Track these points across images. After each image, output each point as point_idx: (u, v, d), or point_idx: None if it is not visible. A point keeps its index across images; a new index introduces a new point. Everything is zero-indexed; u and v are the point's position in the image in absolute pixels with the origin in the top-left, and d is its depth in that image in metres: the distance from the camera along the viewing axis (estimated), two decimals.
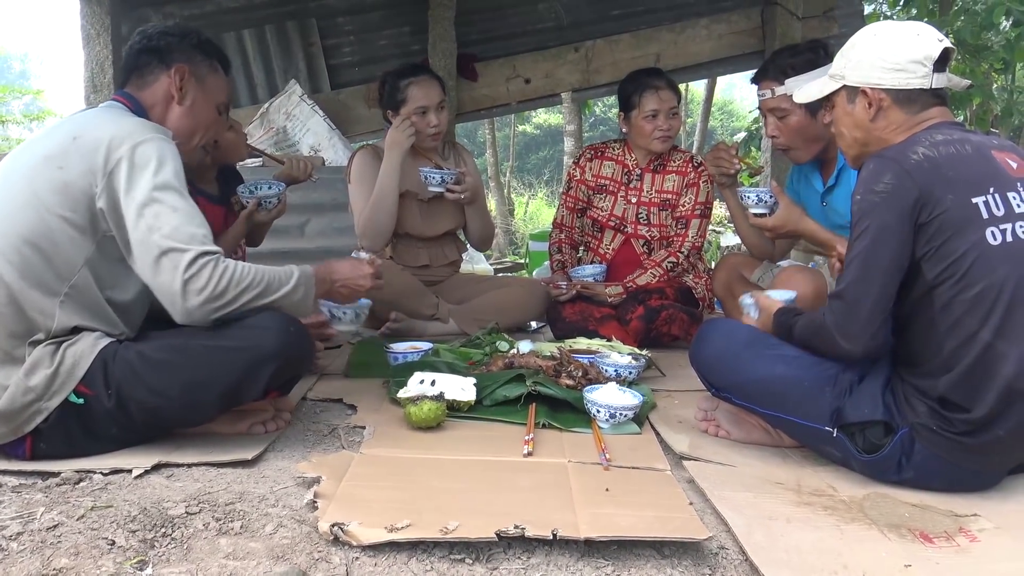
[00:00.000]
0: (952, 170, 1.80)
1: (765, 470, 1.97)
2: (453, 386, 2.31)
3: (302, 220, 4.69)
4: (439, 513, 1.58)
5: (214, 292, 1.81)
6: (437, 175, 3.32)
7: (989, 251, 1.75)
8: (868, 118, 1.98)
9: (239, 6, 5.31)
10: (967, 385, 1.76)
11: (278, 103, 5.21)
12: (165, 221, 1.81)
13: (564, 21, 5.49)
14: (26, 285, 1.82)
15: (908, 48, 1.92)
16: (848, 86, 2.01)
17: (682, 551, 1.55)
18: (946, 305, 1.77)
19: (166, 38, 2.10)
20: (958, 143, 1.85)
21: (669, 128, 3.39)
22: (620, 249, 3.59)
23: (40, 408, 1.82)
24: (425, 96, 3.36)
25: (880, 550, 1.55)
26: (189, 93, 2.11)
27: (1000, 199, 1.79)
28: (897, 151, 1.87)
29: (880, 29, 2.00)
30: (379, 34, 5.54)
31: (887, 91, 1.94)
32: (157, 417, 1.91)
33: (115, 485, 1.76)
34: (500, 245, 13.01)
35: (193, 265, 1.79)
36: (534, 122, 24.16)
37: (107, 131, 1.87)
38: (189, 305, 1.81)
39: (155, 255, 1.80)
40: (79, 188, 1.83)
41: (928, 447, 1.80)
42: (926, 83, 1.92)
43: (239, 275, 1.85)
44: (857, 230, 1.88)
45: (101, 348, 1.85)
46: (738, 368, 2.03)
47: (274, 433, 2.10)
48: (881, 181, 1.83)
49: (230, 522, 1.59)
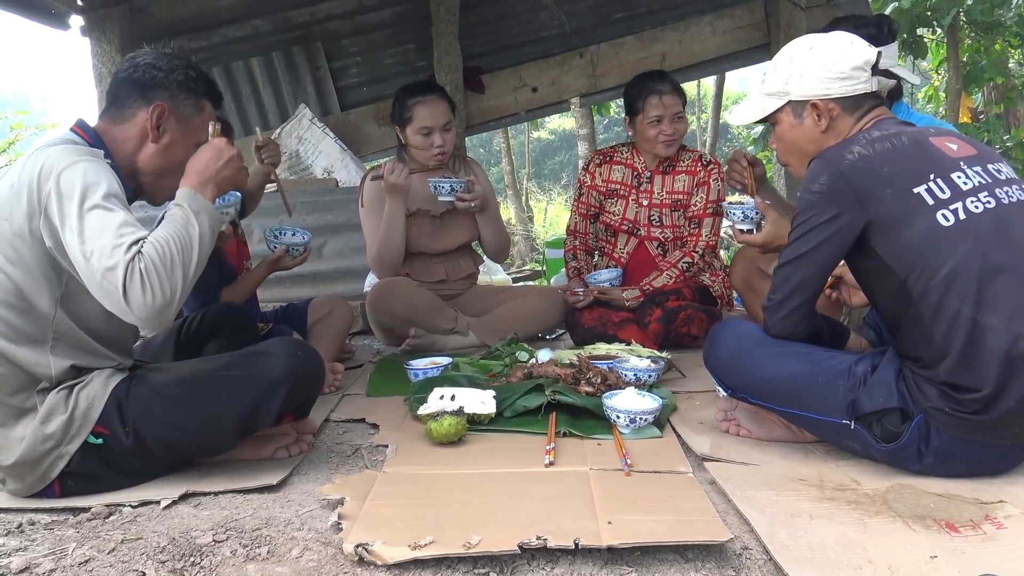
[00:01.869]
0: (888, 165, 1.86)
1: (787, 467, 1.97)
2: (473, 400, 2.32)
3: (319, 242, 4.72)
4: (462, 528, 1.59)
5: (155, 292, 1.71)
6: (446, 184, 3.34)
7: (945, 233, 1.79)
8: (820, 130, 2.04)
9: (246, 35, 5.39)
10: (966, 365, 1.76)
11: (289, 128, 5.27)
12: (95, 244, 1.71)
13: (567, 28, 5.50)
14: (12, 345, 1.82)
15: (849, 56, 2.00)
16: (794, 101, 2.05)
17: (705, 553, 1.55)
18: (923, 294, 1.80)
19: (152, 71, 1.99)
20: (894, 137, 1.91)
21: (674, 132, 3.38)
22: (634, 252, 3.59)
23: (61, 453, 1.85)
24: (431, 117, 3.38)
25: (905, 542, 1.54)
26: (167, 133, 2.00)
27: (943, 182, 1.84)
28: (835, 152, 1.93)
29: (814, 42, 2.05)
30: (384, 53, 5.59)
31: (836, 100, 2.01)
32: (176, 450, 1.94)
33: (144, 517, 1.79)
34: (521, 252, 13.01)
35: (126, 281, 1.70)
36: (548, 127, 24.18)
37: (34, 170, 1.80)
38: (141, 316, 1.73)
39: (97, 282, 1.72)
40: (27, 232, 1.79)
41: (944, 430, 1.80)
42: (869, 86, 2.00)
43: (159, 256, 1.73)
44: (794, 232, 1.96)
45: (113, 387, 1.87)
46: (751, 368, 2.04)
47: (298, 457, 2.12)
48: (817, 181, 1.91)
49: (257, 548, 1.61)
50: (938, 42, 9.30)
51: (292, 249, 3.02)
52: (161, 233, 1.79)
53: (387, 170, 3.29)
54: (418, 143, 3.41)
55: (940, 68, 9.74)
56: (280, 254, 3.00)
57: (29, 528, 1.76)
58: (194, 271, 1.81)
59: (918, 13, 7.80)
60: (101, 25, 4.61)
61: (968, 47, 8.88)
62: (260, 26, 5.37)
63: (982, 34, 8.44)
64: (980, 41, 8.61)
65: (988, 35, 8.42)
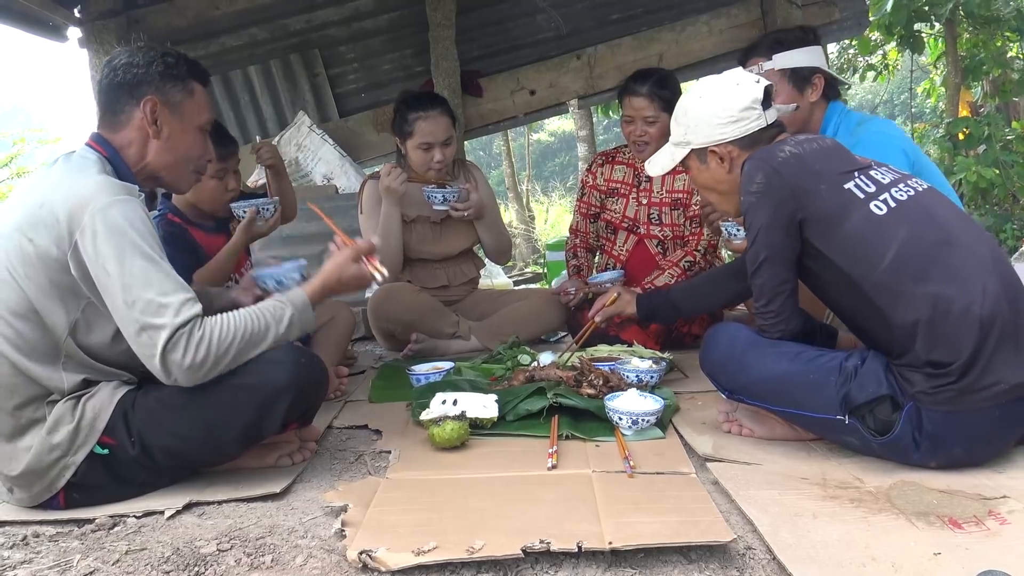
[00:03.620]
0: (818, 163, 1.98)
1: (790, 466, 1.97)
2: (475, 404, 2.33)
3: (320, 249, 4.72)
4: (465, 533, 1.59)
5: (193, 363, 1.77)
6: (439, 194, 3.33)
7: (880, 221, 1.89)
8: (725, 171, 2.15)
9: (243, 44, 5.39)
10: (938, 339, 1.80)
11: (288, 135, 5.28)
12: (138, 295, 1.75)
13: (564, 30, 5.50)
14: (24, 357, 1.83)
15: (734, 99, 2.10)
16: (696, 149, 2.16)
17: (709, 554, 1.55)
18: (873, 285, 1.88)
19: (131, 69, 1.96)
20: (818, 139, 2.07)
21: (643, 134, 3.35)
22: (634, 250, 3.58)
23: (67, 463, 1.85)
24: (432, 133, 3.37)
25: (908, 539, 1.54)
26: (164, 125, 1.98)
27: (866, 178, 1.96)
28: (767, 151, 2.04)
29: (703, 90, 2.16)
30: (382, 59, 5.59)
31: (733, 142, 2.11)
32: (181, 459, 1.95)
33: (148, 527, 1.79)
34: (523, 254, 13.01)
35: (169, 342, 1.75)
36: (548, 129, 24.20)
37: (69, 197, 1.79)
38: (172, 379, 1.79)
39: (135, 330, 1.76)
40: (52, 257, 1.79)
41: (935, 408, 1.81)
42: (762, 122, 2.10)
43: (218, 338, 1.80)
44: (748, 237, 2.04)
45: (120, 398, 1.88)
46: (744, 369, 2.06)
47: (301, 464, 2.12)
48: (754, 181, 1.99)
49: (261, 556, 1.61)
50: (936, 36, 9.28)
51: (263, 210, 2.90)
52: (242, 315, 1.85)
53: (384, 172, 3.29)
54: (417, 157, 3.40)
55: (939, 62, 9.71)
56: (251, 216, 2.87)
57: (34, 540, 1.77)
58: (250, 354, 1.87)
59: (916, 8, 7.78)
60: (99, 37, 4.62)
61: (966, 41, 8.85)
62: (257, 34, 5.37)
63: (980, 27, 8.42)
64: (978, 35, 8.59)
65: (986, 28, 8.40)
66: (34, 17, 4.53)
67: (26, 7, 4.31)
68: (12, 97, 45.83)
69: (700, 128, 2.13)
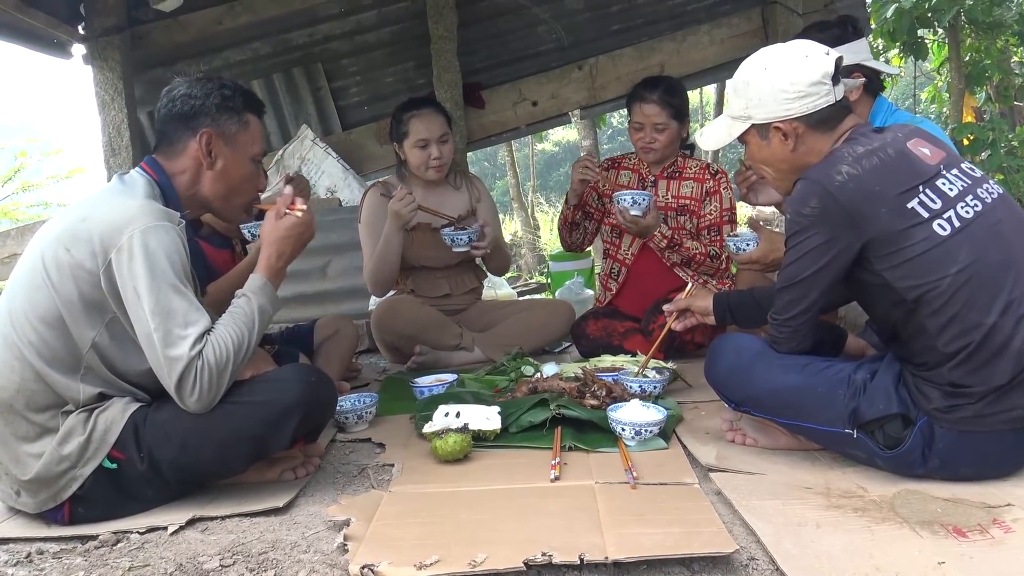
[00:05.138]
0: (879, 183, 1.83)
1: (793, 476, 1.96)
2: (478, 416, 2.32)
3: (323, 262, 4.73)
4: (467, 546, 1.59)
5: (201, 395, 1.83)
6: (463, 236, 3.33)
7: (943, 243, 1.79)
8: (788, 149, 1.99)
9: (246, 58, 5.42)
10: (974, 367, 1.77)
11: (292, 149, 5.29)
12: (163, 324, 1.81)
13: (565, 41, 5.51)
14: (45, 364, 1.85)
15: (805, 72, 1.93)
16: (757, 124, 2.01)
17: (711, 565, 1.54)
18: (927, 305, 1.80)
19: (189, 101, 2.03)
20: (879, 151, 1.87)
21: (652, 141, 3.36)
22: (639, 255, 3.56)
23: (75, 475, 1.86)
24: (426, 129, 3.40)
25: (912, 549, 1.54)
26: (219, 157, 2.05)
27: (932, 192, 1.82)
28: (821, 172, 1.88)
29: (767, 61, 1.99)
30: (384, 72, 5.60)
31: (799, 119, 1.95)
32: (189, 475, 1.96)
33: (151, 543, 1.79)
34: (528, 264, 13.01)
35: (183, 376, 1.81)
36: (552, 140, 24.22)
37: (111, 215, 1.86)
38: (187, 405, 1.85)
39: (154, 356, 1.83)
40: (85, 270, 1.83)
41: (950, 428, 1.79)
42: (831, 99, 1.94)
43: (220, 357, 1.84)
44: (789, 254, 1.93)
45: (131, 413, 1.90)
46: (751, 382, 2.04)
47: (304, 479, 2.12)
48: (808, 205, 1.87)
49: (263, 572, 1.61)
50: (939, 42, 9.27)
51: None
52: (223, 333, 1.89)
53: (398, 196, 3.25)
54: (415, 156, 3.43)
55: (942, 68, 9.71)
56: None
57: (38, 557, 1.77)
58: (243, 362, 1.92)
59: (918, 14, 7.78)
60: (103, 53, 4.64)
61: (969, 46, 8.85)
62: (260, 48, 5.40)
63: (983, 33, 8.42)
64: (981, 40, 8.59)
65: (989, 34, 8.40)
66: (38, 35, 4.57)
67: (31, 25, 4.34)
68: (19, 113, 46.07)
69: (764, 102, 1.97)
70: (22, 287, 1.90)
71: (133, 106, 4.77)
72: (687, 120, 3.46)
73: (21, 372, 1.86)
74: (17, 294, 1.90)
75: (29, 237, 4.66)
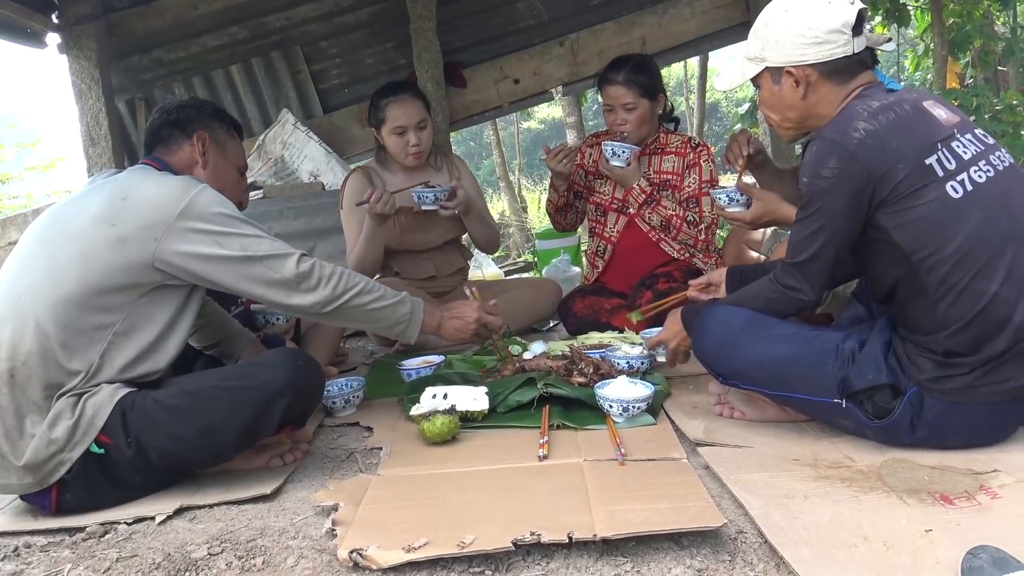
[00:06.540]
0: (897, 139, 1.78)
1: (781, 448, 1.96)
2: (465, 397, 2.32)
3: (308, 246, 4.69)
4: (456, 527, 1.59)
5: (326, 285, 2.06)
6: (430, 194, 3.30)
7: (954, 205, 1.75)
8: (799, 96, 1.96)
9: (224, 43, 5.35)
10: (971, 335, 1.75)
11: (273, 133, 5.24)
12: (256, 245, 1.99)
13: (545, 17, 5.45)
14: (56, 343, 1.86)
15: (824, 18, 1.88)
16: (771, 67, 1.98)
17: (700, 540, 1.54)
18: (930, 268, 1.77)
19: (184, 110, 2.20)
20: (896, 106, 1.83)
21: (623, 123, 3.32)
22: (625, 232, 3.54)
23: (63, 459, 1.85)
24: (404, 115, 3.37)
25: (900, 517, 1.54)
26: (212, 158, 2.21)
27: (948, 153, 1.79)
28: (838, 131, 1.83)
29: (790, 3, 1.94)
30: (364, 53, 5.53)
31: (813, 66, 1.92)
32: (177, 461, 1.95)
33: (139, 533, 1.79)
34: (517, 243, 12.97)
35: (301, 264, 2.03)
36: (538, 117, 24.12)
37: (158, 189, 1.97)
38: (305, 302, 2.05)
39: (261, 275, 1.99)
40: (135, 242, 1.90)
41: (940, 399, 1.79)
42: (849, 50, 1.90)
43: (341, 271, 2.10)
44: (806, 211, 1.89)
45: (120, 398, 1.89)
46: (739, 354, 2.02)
47: (292, 465, 2.12)
48: (827, 166, 1.82)
49: (252, 559, 1.61)
50: (922, 9, 9.24)
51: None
52: (361, 277, 2.18)
53: (374, 199, 3.19)
54: (393, 143, 3.41)
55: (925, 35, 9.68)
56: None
57: (25, 551, 1.76)
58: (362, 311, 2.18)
59: None
60: (78, 42, 4.57)
61: (952, 11, 8.82)
62: (238, 33, 5.32)
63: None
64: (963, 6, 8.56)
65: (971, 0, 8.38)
66: (11, 24, 4.49)
67: (3, 15, 4.27)
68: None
69: (780, 45, 1.93)
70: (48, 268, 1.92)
71: (111, 95, 4.71)
72: (661, 96, 3.42)
73: (30, 345, 1.86)
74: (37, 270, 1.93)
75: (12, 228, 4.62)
